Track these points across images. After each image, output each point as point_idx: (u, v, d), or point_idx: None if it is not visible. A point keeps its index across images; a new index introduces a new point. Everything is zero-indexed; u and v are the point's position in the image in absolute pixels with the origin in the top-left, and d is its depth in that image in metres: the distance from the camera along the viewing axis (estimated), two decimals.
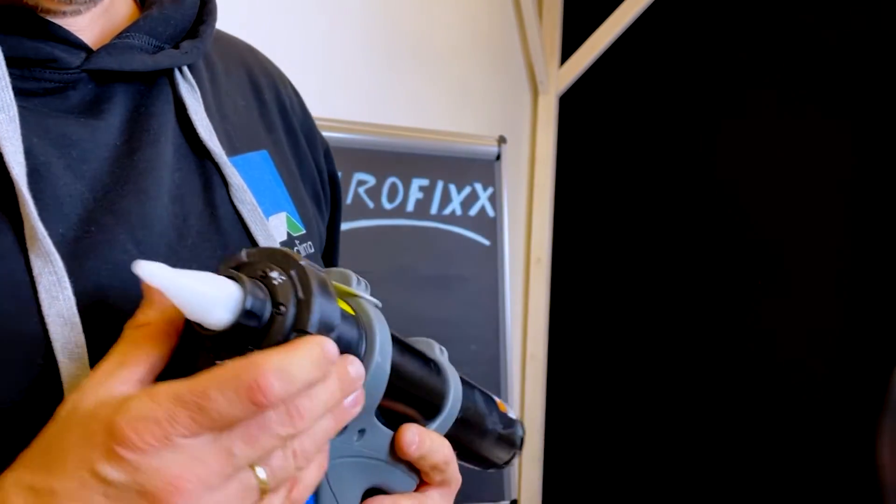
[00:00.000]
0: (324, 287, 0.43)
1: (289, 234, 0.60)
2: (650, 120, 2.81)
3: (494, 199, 2.11)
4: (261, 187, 0.59)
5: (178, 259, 0.51)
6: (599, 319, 2.86)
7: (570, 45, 2.80)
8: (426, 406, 0.55)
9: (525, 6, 2.59)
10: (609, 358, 2.83)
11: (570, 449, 2.80)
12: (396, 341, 0.51)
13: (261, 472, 0.41)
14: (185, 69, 0.58)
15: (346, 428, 0.48)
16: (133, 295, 0.45)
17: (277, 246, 0.44)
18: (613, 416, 2.80)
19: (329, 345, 0.41)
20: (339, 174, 0.75)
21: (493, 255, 2.11)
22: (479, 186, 2.10)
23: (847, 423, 2.47)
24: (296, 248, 0.61)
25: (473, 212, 2.09)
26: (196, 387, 0.39)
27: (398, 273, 1.94)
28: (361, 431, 0.50)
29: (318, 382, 0.41)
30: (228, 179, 0.56)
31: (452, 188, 2.06)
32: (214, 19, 0.61)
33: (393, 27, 2.12)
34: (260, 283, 0.42)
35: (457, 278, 2.05)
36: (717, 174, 2.72)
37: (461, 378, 0.59)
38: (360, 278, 0.50)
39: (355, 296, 0.50)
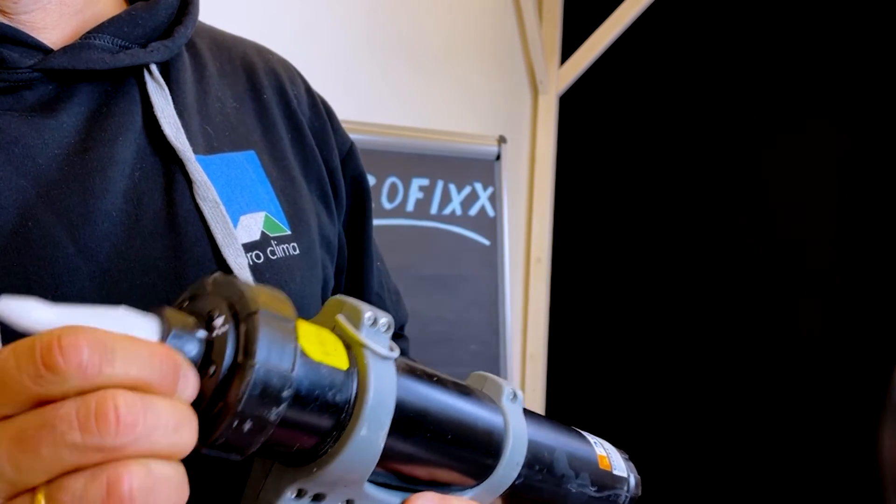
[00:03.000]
0: (278, 347, 0.34)
1: (264, 234, 0.59)
2: (650, 120, 2.81)
3: (494, 199, 2.11)
4: (238, 186, 0.59)
5: (123, 259, 0.51)
6: (599, 319, 2.86)
7: (570, 45, 2.80)
8: (466, 467, 0.45)
9: (525, 6, 2.59)
10: (609, 357, 2.83)
11: None
12: (426, 388, 0.42)
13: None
14: (155, 69, 0.57)
15: (324, 496, 0.41)
16: (63, 292, 0.45)
17: (248, 283, 0.36)
18: (613, 416, 2.80)
19: (177, 356, 0.32)
20: None
21: (493, 255, 2.11)
22: (479, 186, 2.10)
23: (848, 423, 2.47)
24: (269, 249, 0.58)
25: (473, 211, 2.09)
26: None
27: (398, 273, 1.92)
28: (349, 502, 0.42)
29: (149, 384, 0.31)
30: (192, 176, 0.55)
31: (452, 188, 2.06)
32: (193, 21, 0.61)
33: (393, 27, 2.12)
34: (194, 324, 0.35)
35: (457, 278, 2.05)
36: (717, 174, 2.72)
37: (547, 428, 0.50)
38: (381, 317, 0.41)
39: (359, 344, 0.40)
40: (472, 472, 0.46)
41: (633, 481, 0.56)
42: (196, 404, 0.33)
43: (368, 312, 0.41)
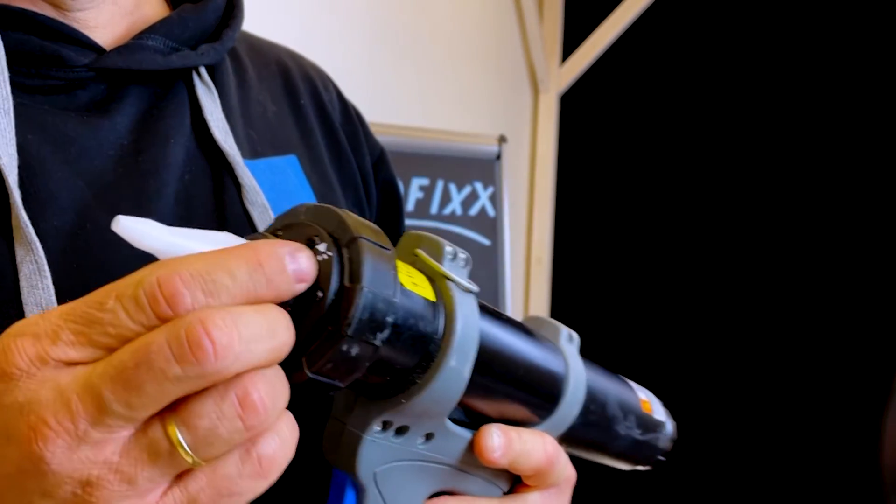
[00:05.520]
0: (382, 273, 0.35)
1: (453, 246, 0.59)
2: (651, 119, 2.81)
3: (495, 199, 2.11)
4: (282, 192, 0.59)
5: None
6: (600, 319, 2.85)
7: (570, 44, 2.80)
8: (532, 405, 0.47)
9: (526, 5, 2.59)
10: (609, 358, 2.82)
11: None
12: (500, 326, 0.43)
13: (182, 436, 0.30)
14: (204, 71, 0.58)
15: (407, 429, 0.41)
16: None
17: (342, 209, 0.36)
18: None
19: (277, 247, 0.32)
20: None
21: (493, 255, 2.10)
22: (479, 186, 2.09)
23: (849, 423, 2.47)
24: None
25: (474, 211, 2.08)
26: (92, 296, 0.31)
27: None
28: (429, 435, 0.43)
29: (256, 296, 0.31)
30: (241, 181, 0.55)
31: (452, 187, 2.05)
32: (239, 23, 0.61)
33: (393, 26, 2.11)
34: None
35: None
36: (718, 173, 2.71)
37: (598, 371, 0.52)
38: (459, 252, 0.41)
39: (444, 276, 0.40)
40: (538, 409, 0.47)
41: (669, 427, 0.58)
42: (304, 329, 0.33)
43: (449, 247, 0.41)
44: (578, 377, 0.49)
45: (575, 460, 0.53)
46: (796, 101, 2.62)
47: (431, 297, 0.39)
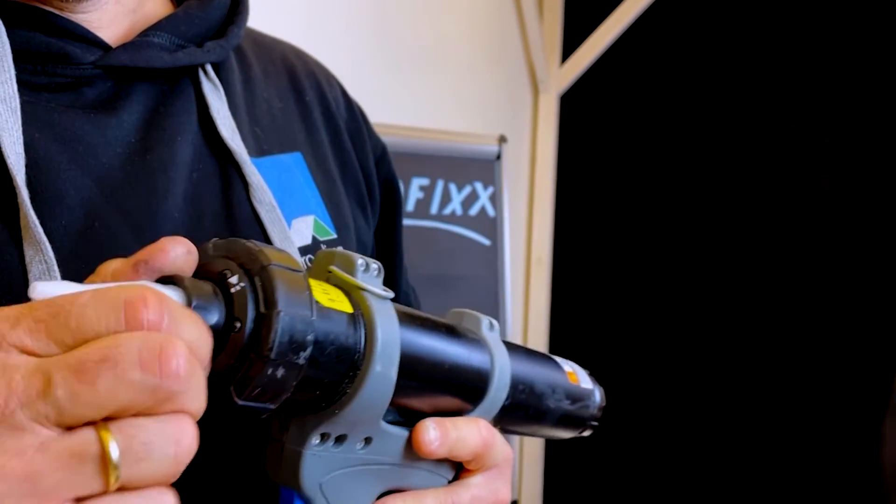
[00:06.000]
0: (295, 294, 0.36)
1: (314, 238, 0.59)
2: (651, 119, 2.81)
3: (495, 199, 2.11)
4: (289, 189, 0.59)
5: None
6: (600, 319, 2.85)
7: (570, 44, 2.80)
8: (462, 396, 0.49)
9: (526, 4, 2.59)
10: (609, 357, 2.82)
11: (570, 450, 2.79)
12: (419, 327, 0.45)
13: (113, 447, 0.29)
14: (210, 69, 0.57)
15: (345, 438, 0.43)
16: None
17: (249, 241, 0.37)
18: (614, 416, 2.80)
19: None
20: None
21: (493, 255, 2.10)
22: (479, 186, 2.09)
23: (849, 424, 2.47)
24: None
25: (474, 211, 2.08)
26: (70, 294, 0.31)
27: None
28: (367, 440, 0.44)
29: (197, 349, 0.32)
30: (248, 179, 0.55)
31: (453, 187, 2.05)
32: (244, 20, 0.61)
33: (393, 26, 2.11)
34: (210, 287, 0.35)
35: (457, 278, 2.04)
36: (719, 173, 2.71)
37: (522, 354, 0.53)
38: (371, 262, 0.43)
39: (358, 288, 0.42)
40: (468, 399, 0.49)
41: (598, 393, 0.61)
42: (228, 360, 0.35)
43: (360, 259, 0.43)
44: (503, 363, 0.51)
45: (575, 461, 0.53)
46: (796, 100, 2.62)
47: (349, 309, 0.40)
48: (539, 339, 2.77)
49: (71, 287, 0.31)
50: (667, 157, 2.78)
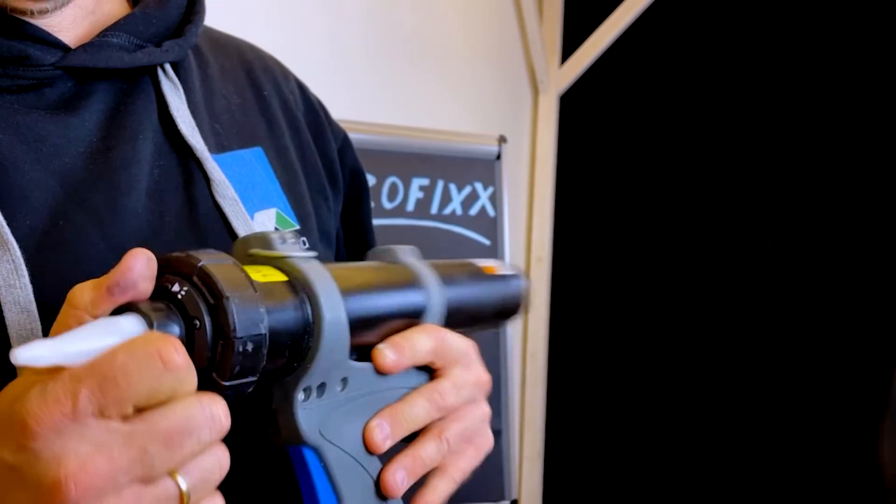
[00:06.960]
0: (234, 279, 0.40)
1: (278, 230, 0.60)
2: (651, 119, 2.81)
3: (495, 199, 2.11)
4: (250, 184, 0.60)
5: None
6: (600, 318, 2.85)
7: (570, 44, 2.80)
8: (406, 315, 0.53)
9: (525, 5, 2.59)
10: (609, 357, 2.82)
11: (570, 449, 2.79)
12: (350, 271, 0.50)
13: (182, 483, 0.36)
14: (169, 68, 0.58)
15: (325, 386, 0.47)
16: None
17: (178, 251, 0.41)
18: (614, 416, 2.80)
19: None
20: None
21: (493, 255, 2.10)
22: (479, 186, 2.10)
23: (848, 425, 2.47)
24: None
25: (474, 211, 2.08)
26: (102, 358, 0.34)
27: None
28: (344, 380, 0.49)
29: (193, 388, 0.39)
30: (210, 175, 0.56)
31: (453, 187, 2.05)
32: (201, 19, 0.62)
33: (393, 26, 2.11)
34: (162, 304, 0.39)
35: None
36: (719, 173, 2.71)
37: (442, 265, 0.58)
38: (286, 234, 0.47)
39: (282, 258, 0.46)
40: (413, 315, 0.53)
41: (521, 277, 0.66)
42: (202, 357, 0.39)
43: (274, 234, 0.47)
44: (430, 277, 0.55)
45: (575, 463, 0.54)
46: (796, 100, 2.62)
47: (283, 277, 0.45)
48: (539, 338, 2.77)
49: (47, 345, 0.34)
50: (667, 156, 2.78)
